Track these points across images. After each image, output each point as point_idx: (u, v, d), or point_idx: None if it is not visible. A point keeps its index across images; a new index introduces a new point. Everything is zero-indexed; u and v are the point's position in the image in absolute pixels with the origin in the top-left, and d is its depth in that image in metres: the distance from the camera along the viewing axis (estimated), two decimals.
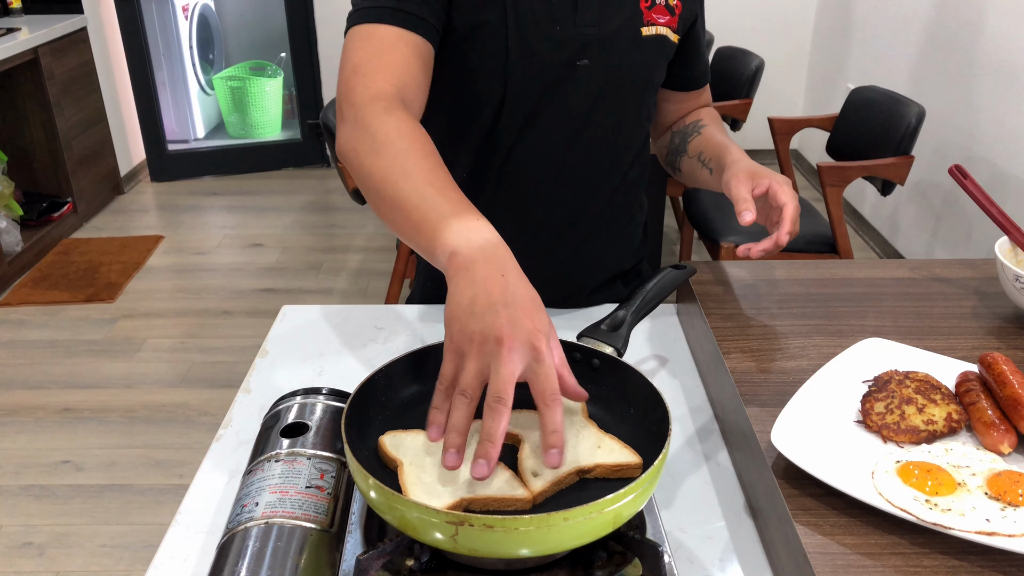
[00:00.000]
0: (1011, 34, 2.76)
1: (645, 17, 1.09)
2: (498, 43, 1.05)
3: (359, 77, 0.93)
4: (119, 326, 3.16)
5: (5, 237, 3.44)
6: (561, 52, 1.06)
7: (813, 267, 1.14)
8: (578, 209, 1.18)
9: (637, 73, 1.12)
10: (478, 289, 0.69)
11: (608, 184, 1.18)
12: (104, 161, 4.23)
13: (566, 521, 0.61)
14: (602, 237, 1.22)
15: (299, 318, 1.16)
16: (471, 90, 1.10)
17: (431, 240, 0.76)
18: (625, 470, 0.73)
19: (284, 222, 4.10)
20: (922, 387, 0.80)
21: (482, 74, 1.07)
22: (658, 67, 1.15)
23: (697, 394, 0.99)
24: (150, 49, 4.39)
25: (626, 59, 1.09)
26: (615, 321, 0.88)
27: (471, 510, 0.68)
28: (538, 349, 0.66)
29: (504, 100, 1.08)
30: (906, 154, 2.52)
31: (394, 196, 0.82)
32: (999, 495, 0.68)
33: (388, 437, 0.74)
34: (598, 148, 1.14)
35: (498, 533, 0.61)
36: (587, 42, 1.06)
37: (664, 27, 1.11)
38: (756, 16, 4.45)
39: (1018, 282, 0.96)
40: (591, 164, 1.15)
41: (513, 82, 1.07)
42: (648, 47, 1.10)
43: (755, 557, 0.75)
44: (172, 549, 0.77)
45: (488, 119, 1.10)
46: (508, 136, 1.11)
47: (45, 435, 2.55)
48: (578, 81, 1.08)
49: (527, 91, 1.08)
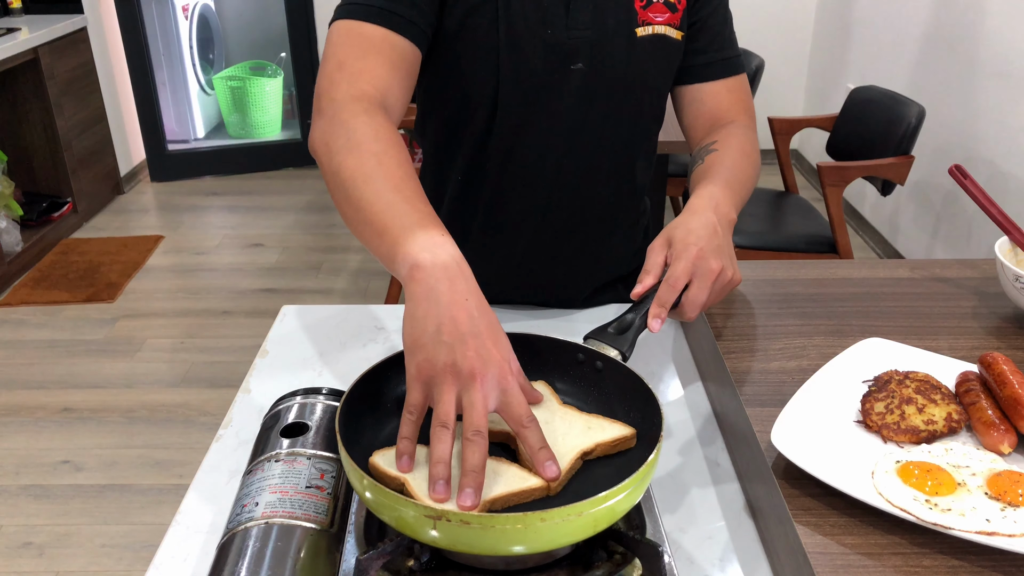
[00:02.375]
0: (1011, 34, 2.76)
1: (640, 17, 1.06)
2: (489, 47, 1.04)
3: (343, 75, 0.92)
4: (119, 326, 3.16)
5: (5, 237, 3.44)
6: (554, 56, 1.05)
7: (813, 267, 1.14)
8: (577, 212, 1.17)
9: (633, 76, 1.09)
10: (443, 316, 0.69)
11: (608, 187, 1.17)
12: (104, 161, 4.22)
13: (543, 522, 0.62)
14: (602, 240, 1.21)
15: (299, 318, 1.16)
16: (464, 93, 1.09)
17: (392, 248, 0.75)
18: (622, 443, 0.76)
19: (284, 222, 4.10)
20: (922, 387, 0.80)
21: (474, 78, 1.07)
22: (659, 69, 1.11)
23: (697, 394, 0.99)
24: (150, 49, 4.39)
25: (621, 62, 1.07)
26: (622, 324, 0.87)
27: (494, 510, 0.68)
28: (506, 379, 0.69)
29: (497, 104, 1.07)
30: (906, 154, 2.52)
31: (360, 198, 0.80)
32: (999, 495, 0.68)
33: (379, 457, 0.72)
34: (596, 152, 1.13)
35: (475, 529, 0.62)
36: (580, 46, 1.05)
37: (663, 25, 1.08)
38: (756, 16, 4.45)
39: (1018, 282, 0.96)
40: (589, 168, 1.14)
41: (505, 86, 1.06)
42: (644, 48, 1.08)
43: (755, 557, 0.75)
44: (172, 549, 0.77)
45: (482, 122, 1.10)
46: (503, 139, 1.10)
47: (45, 435, 2.55)
48: (573, 85, 1.07)
49: (520, 95, 1.07)
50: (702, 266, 0.87)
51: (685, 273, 0.87)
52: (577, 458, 0.74)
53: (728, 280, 0.90)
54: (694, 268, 0.87)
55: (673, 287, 0.86)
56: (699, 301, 0.87)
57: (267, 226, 4.06)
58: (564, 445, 0.75)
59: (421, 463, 0.72)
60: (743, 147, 1.09)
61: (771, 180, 3.61)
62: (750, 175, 1.07)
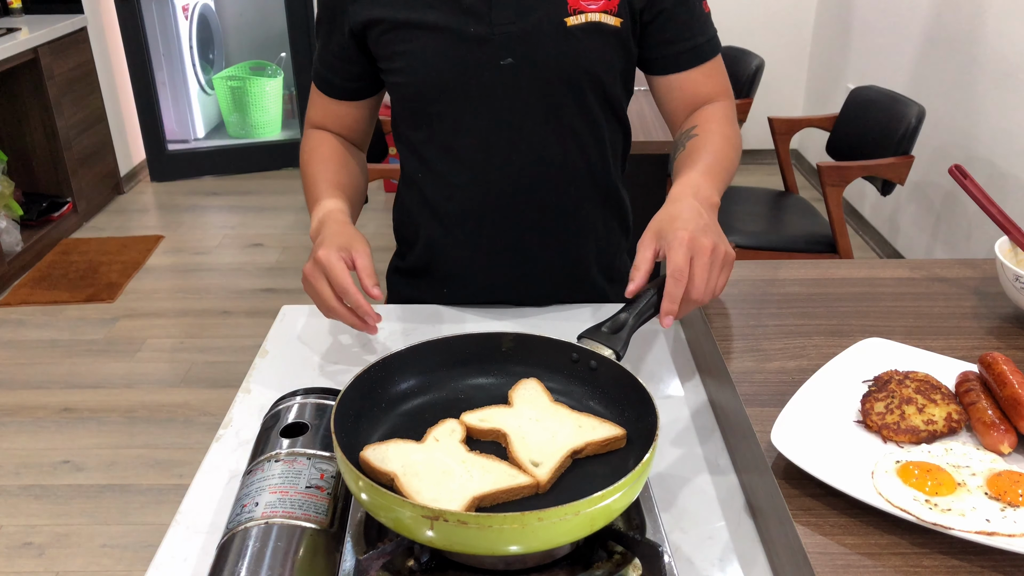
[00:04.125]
0: (1011, 34, 2.76)
1: (571, 5, 1.04)
2: (419, 56, 1.06)
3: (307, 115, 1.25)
4: (119, 326, 3.16)
5: (5, 237, 3.44)
6: (480, 53, 1.05)
7: (813, 267, 1.14)
8: (535, 208, 1.16)
9: (569, 66, 1.07)
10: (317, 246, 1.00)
11: (563, 181, 1.15)
12: (104, 161, 4.22)
13: (540, 521, 0.62)
14: (567, 235, 1.19)
15: (299, 318, 1.16)
16: (406, 103, 1.14)
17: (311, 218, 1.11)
18: (612, 442, 0.77)
19: (284, 222, 4.10)
20: (922, 387, 0.80)
21: (411, 88, 1.10)
22: (597, 57, 1.08)
23: (697, 394, 0.99)
24: (150, 49, 4.39)
25: (552, 53, 1.05)
26: (616, 324, 0.87)
27: (483, 508, 0.68)
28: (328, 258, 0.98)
29: (435, 107, 1.10)
30: (906, 154, 2.52)
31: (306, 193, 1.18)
32: (999, 495, 0.68)
33: (369, 451, 0.73)
34: (543, 145, 1.12)
35: (472, 529, 0.62)
36: (507, 40, 1.04)
37: (598, 12, 1.05)
38: (756, 16, 4.45)
39: (1018, 282, 0.96)
40: (539, 162, 1.12)
41: (439, 90, 1.08)
42: (577, 37, 1.05)
43: (755, 557, 0.75)
44: (172, 549, 0.77)
45: (426, 127, 1.13)
46: (443, 138, 1.13)
47: (45, 435, 2.55)
48: (505, 80, 1.07)
49: (454, 96, 1.08)
50: (696, 247, 0.87)
51: (685, 260, 0.87)
52: (567, 456, 0.74)
53: (724, 255, 0.90)
54: (690, 251, 0.87)
55: (678, 279, 0.86)
56: (703, 280, 0.87)
57: (267, 226, 4.06)
58: (554, 443, 0.75)
59: (410, 461, 0.72)
60: (723, 131, 1.10)
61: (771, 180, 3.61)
62: (731, 158, 1.09)
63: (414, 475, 0.70)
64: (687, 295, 0.87)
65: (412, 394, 0.83)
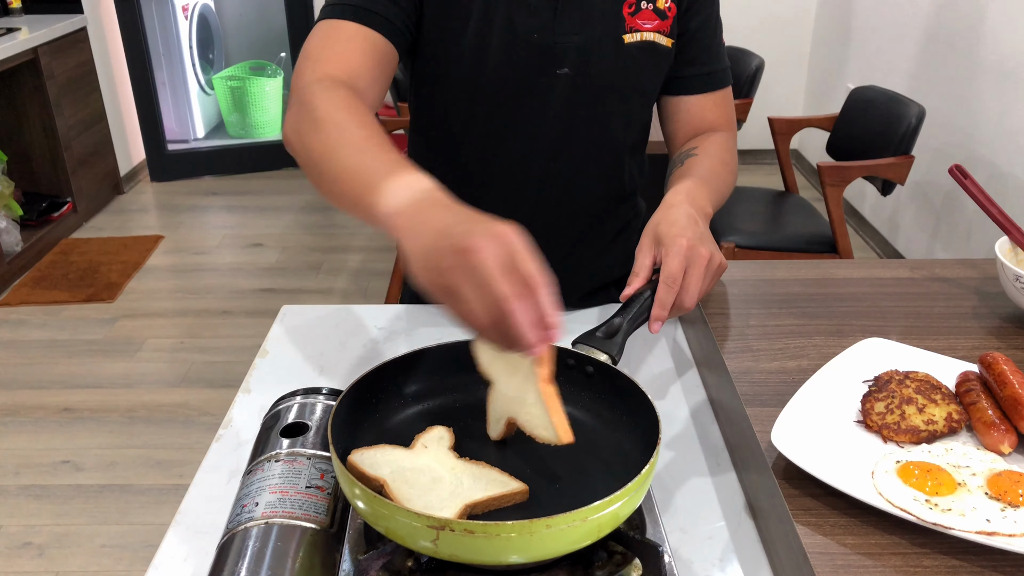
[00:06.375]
0: (1011, 34, 2.76)
1: (628, 24, 1.07)
2: (476, 48, 1.04)
3: (309, 63, 0.93)
4: (119, 326, 3.16)
5: (5, 237, 3.44)
6: (540, 60, 1.05)
7: (813, 267, 1.14)
8: (565, 216, 1.17)
9: (621, 82, 1.09)
10: (430, 236, 0.66)
11: (596, 191, 1.17)
12: (104, 161, 4.22)
13: (548, 528, 0.61)
14: (592, 243, 1.21)
15: (299, 318, 1.16)
16: (451, 95, 1.10)
17: (371, 208, 0.73)
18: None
19: (284, 222, 4.10)
20: (922, 387, 0.80)
21: (460, 80, 1.08)
22: (647, 75, 1.11)
23: (697, 394, 0.99)
24: (150, 49, 4.38)
25: (608, 68, 1.07)
26: (611, 328, 0.86)
27: (475, 515, 0.68)
28: (510, 242, 0.68)
29: (483, 105, 1.08)
30: (906, 154, 2.52)
31: (332, 169, 0.79)
32: (999, 495, 0.68)
33: (357, 456, 0.71)
34: (584, 156, 1.13)
35: (479, 539, 0.61)
36: (567, 51, 1.05)
37: (652, 32, 1.08)
38: (756, 16, 4.45)
39: (1018, 282, 0.96)
40: (576, 171, 1.14)
41: (490, 88, 1.07)
42: (632, 55, 1.08)
43: (755, 557, 0.75)
44: (172, 549, 0.77)
45: (468, 124, 1.11)
46: (489, 140, 1.11)
47: (45, 435, 2.55)
48: (559, 89, 1.07)
49: (505, 98, 1.08)
50: (693, 255, 0.88)
51: (680, 268, 0.88)
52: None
53: (717, 265, 0.92)
54: (687, 260, 0.88)
55: (671, 287, 0.87)
56: (696, 289, 0.88)
57: (267, 226, 4.06)
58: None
59: (399, 468, 0.72)
60: (722, 155, 1.11)
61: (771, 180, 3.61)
62: (727, 181, 1.10)
63: (404, 482, 0.70)
64: (677, 301, 0.88)
65: (410, 400, 0.83)
